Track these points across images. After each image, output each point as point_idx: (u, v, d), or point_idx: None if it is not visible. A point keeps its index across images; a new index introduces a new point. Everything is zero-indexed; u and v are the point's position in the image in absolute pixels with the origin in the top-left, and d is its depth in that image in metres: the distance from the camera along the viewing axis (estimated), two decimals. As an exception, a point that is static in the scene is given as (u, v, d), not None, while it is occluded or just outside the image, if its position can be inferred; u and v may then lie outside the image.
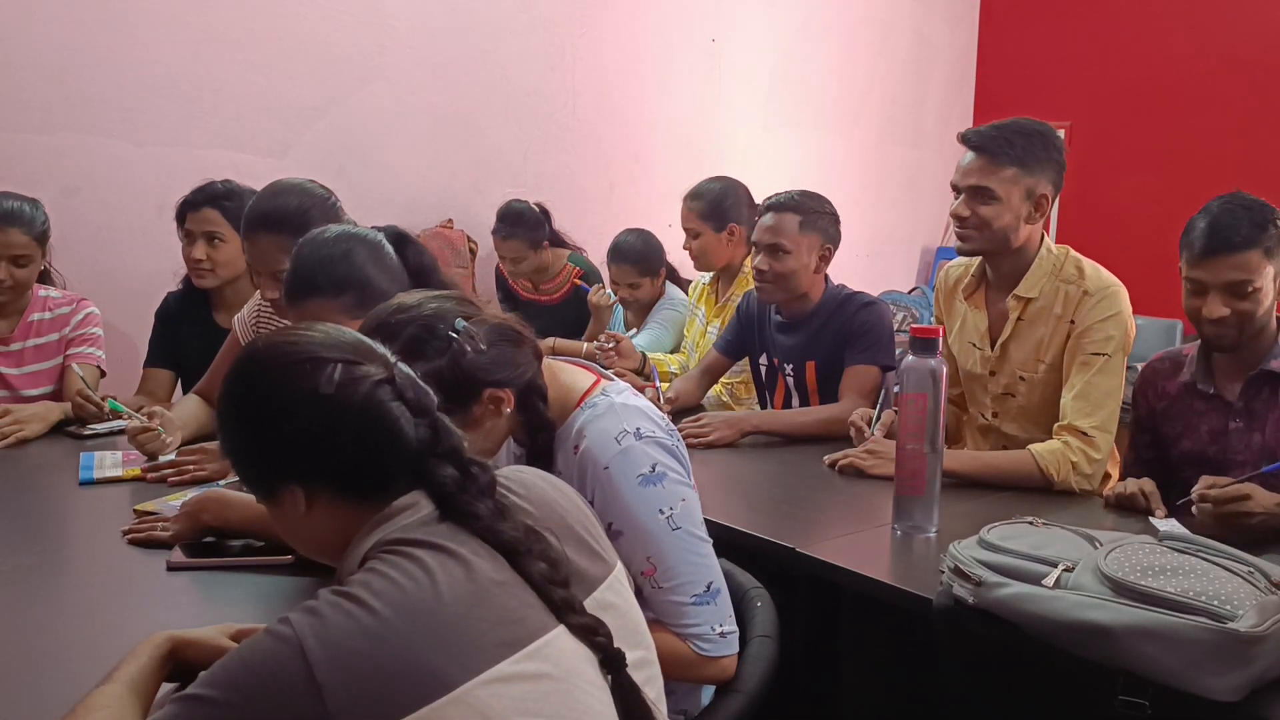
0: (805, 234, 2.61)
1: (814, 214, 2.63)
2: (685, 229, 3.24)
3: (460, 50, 3.99)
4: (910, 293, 5.30)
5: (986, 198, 2.16)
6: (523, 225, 3.80)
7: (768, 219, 2.64)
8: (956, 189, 2.21)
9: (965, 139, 2.21)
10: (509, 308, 4.03)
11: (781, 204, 2.64)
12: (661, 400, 2.74)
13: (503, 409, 1.38)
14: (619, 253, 3.57)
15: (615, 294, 3.65)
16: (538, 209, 3.84)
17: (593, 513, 1.20)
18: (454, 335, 1.34)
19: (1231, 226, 1.91)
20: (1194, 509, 1.80)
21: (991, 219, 2.17)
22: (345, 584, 0.96)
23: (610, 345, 3.16)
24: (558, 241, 3.96)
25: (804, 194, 2.67)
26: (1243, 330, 1.94)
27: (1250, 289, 1.90)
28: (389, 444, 1.04)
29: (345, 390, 1.03)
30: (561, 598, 1.02)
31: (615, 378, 1.55)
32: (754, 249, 2.70)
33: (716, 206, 3.15)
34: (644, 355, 3.25)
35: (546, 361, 1.48)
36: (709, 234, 3.16)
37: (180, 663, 1.12)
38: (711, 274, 3.30)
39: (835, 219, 2.69)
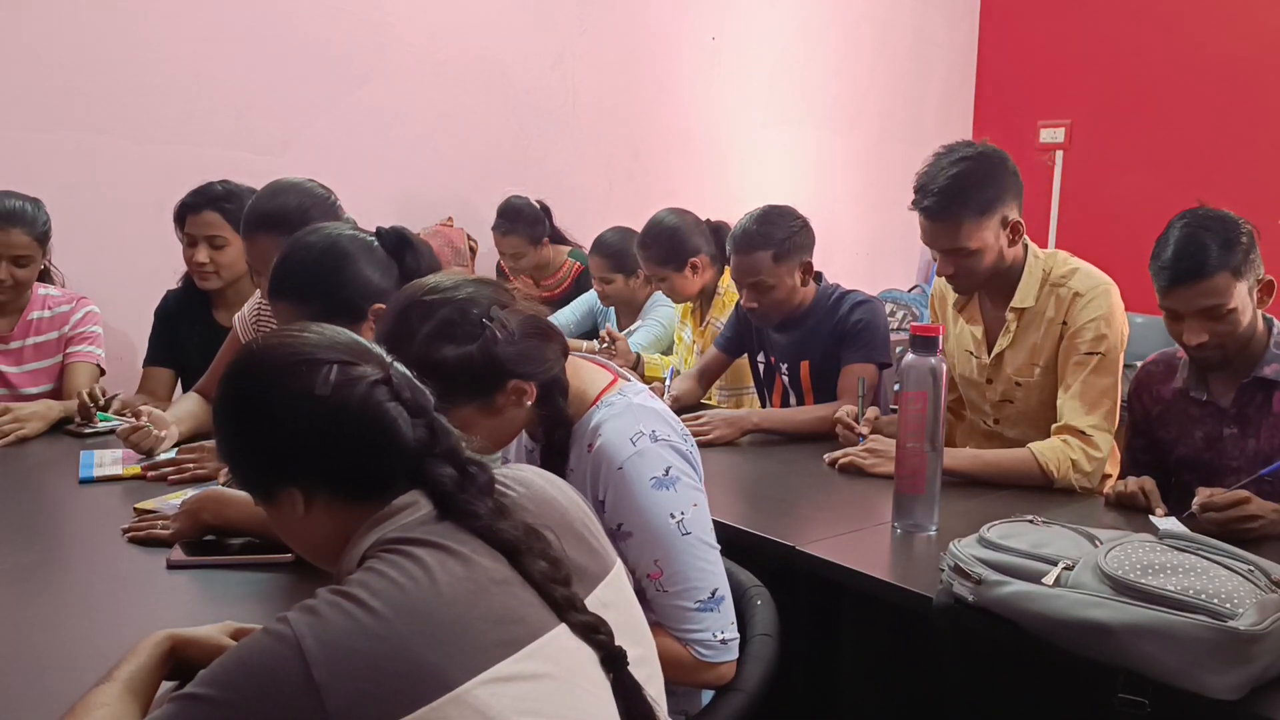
0: (782, 264, 2.57)
1: (784, 241, 2.56)
2: (649, 276, 3.22)
3: (460, 48, 3.99)
4: (910, 291, 5.30)
5: (964, 254, 2.14)
6: (522, 221, 3.81)
7: (740, 261, 2.58)
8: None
9: (919, 210, 2.14)
10: None
11: (751, 242, 2.56)
12: (665, 398, 2.73)
13: (524, 401, 1.38)
14: (596, 246, 3.56)
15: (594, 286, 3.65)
16: (537, 205, 3.85)
17: (592, 510, 1.20)
18: (487, 322, 1.34)
19: (1195, 254, 1.86)
20: (1199, 518, 1.78)
21: (977, 267, 2.16)
22: (344, 583, 0.96)
23: (607, 344, 3.16)
24: (558, 238, 3.97)
25: (766, 221, 2.58)
26: (1227, 348, 1.93)
27: (1224, 311, 1.88)
28: (387, 444, 1.04)
29: (342, 391, 1.03)
30: (563, 596, 1.01)
31: (633, 378, 1.54)
32: (735, 285, 2.67)
33: (669, 250, 3.08)
34: (639, 356, 3.25)
35: (569, 358, 1.47)
36: (673, 276, 3.09)
37: (180, 661, 1.12)
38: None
39: (805, 228, 2.64)
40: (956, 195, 2.09)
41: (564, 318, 3.74)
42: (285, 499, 1.06)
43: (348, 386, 1.03)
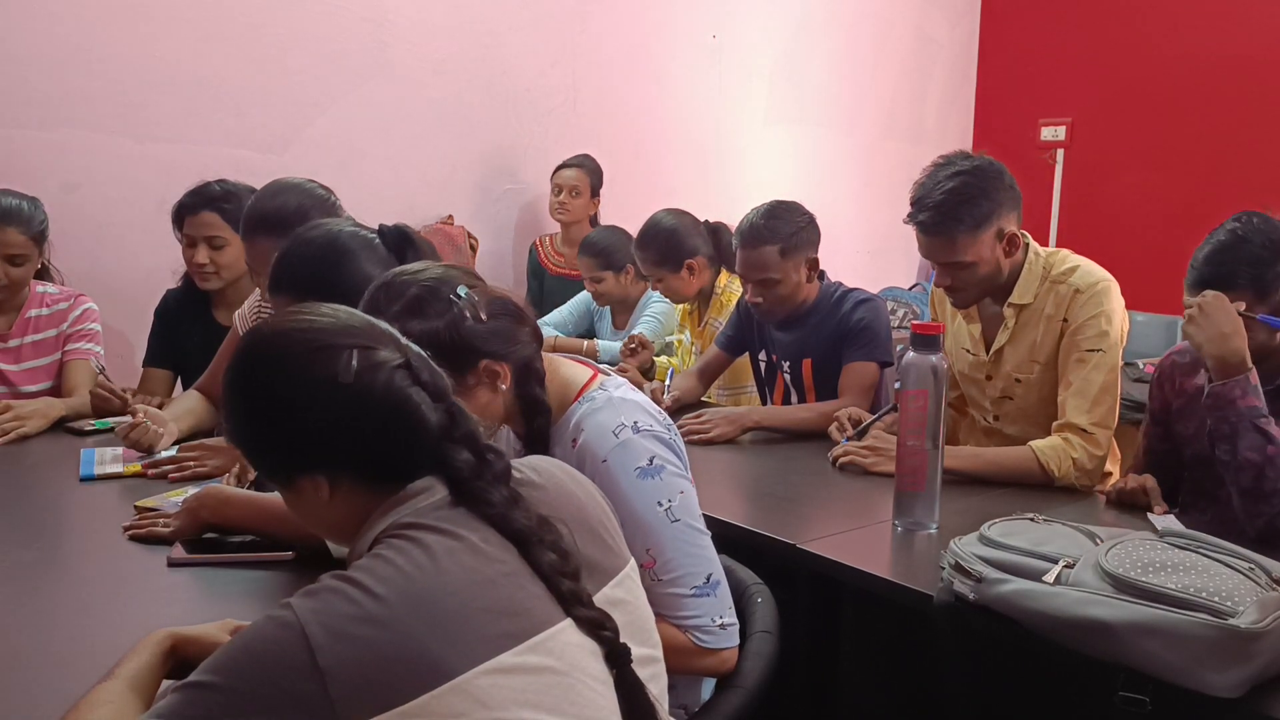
0: (789, 259, 2.58)
1: (791, 237, 2.58)
2: (647, 275, 3.22)
3: (460, 46, 3.99)
4: (911, 289, 5.29)
5: (961, 267, 2.15)
6: (587, 167, 3.93)
7: (747, 255, 2.59)
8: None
9: (914, 223, 2.15)
10: (536, 284, 4.07)
11: (759, 236, 2.57)
12: (665, 398, 2.74)
13: (498, 384, 1.38)
14: (584, 247, 3.56)
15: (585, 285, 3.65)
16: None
17: (611, 508, 1.19)
18: (455, 299, 1.35)
19: (1223, 263, 1.86)
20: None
21: (972, 280, 2.17)
22: (349, 569, 0.95)
23: (634, 348, 3.17)
24: (597, 221, 4.01)
25: (773, 215, 2.59)
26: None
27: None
28: (412, 429, 1.04)
29: (365, 377, 1.03)
30: (569, 589, 1.01)
31: (612, 372, 1.55)
32: (741, 280, 2.67)
33: (665, 252, 3.08)
34: (653, 360, 3.27)
35: (546, 355, 1.48)
36: (670, 277, 3.10)
37: (181, 660, 1.12)
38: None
39: (811, 223, 2.64)
40: (951, 210, 2.10)
41: (560, 317, 3.74)
42: (308, 485, 1.05)
43: (371, 372, 1.03)
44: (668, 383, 2.87)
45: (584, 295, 3.72)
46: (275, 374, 1.05)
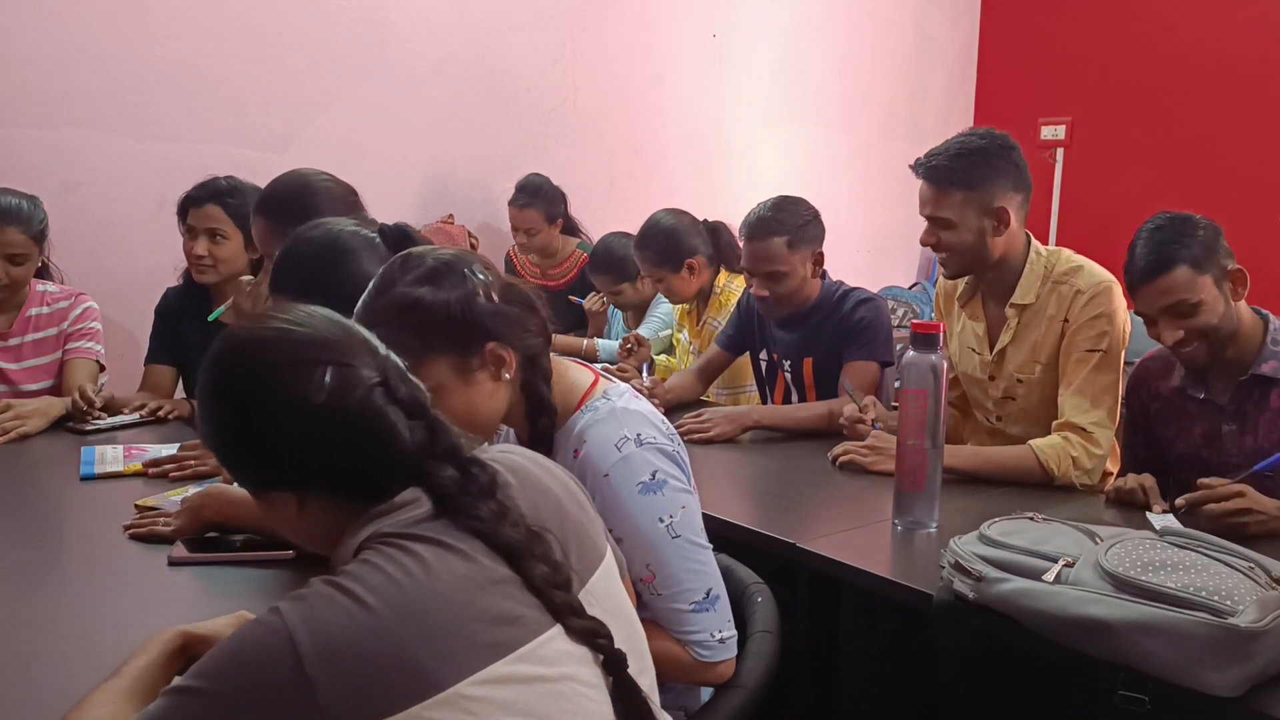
0: (796, 251, 2.59)
1: (798, 228, 2.58)
2: (647, 275, 3.22)
3: (460, 46, 3.99)
4: (911, 288, 5.30)
5: (944, 225, 2.18)
6: (541, 197, 3.86)
7: (755, 248, 2.59)
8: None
9: (914, 169, 2.21)
10: None
11: (766, 228, 2.57)
12: (646, 380, 2.74)
13: (503, 373, 1.36)
14: (595, 265, 3.56)
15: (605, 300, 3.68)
16: (557, 187, 3.88)
17: (585, 493, 1.18)
18: (471, 274, 1.35)
19: (1151, 253, 1.91)
20: (1197, 512, 1.78)
21: (954, 244, 2.19)
22: (338, 574, 0.94)
23: (631, 346, 3.17)
24: (570, 228, 3.99)
25: (780, 208, 2.60)
26: (1210, 342, 1.94)
27: (1189, 306, 1.90)
28: (385, 450, 1.01)
29: (338, 397, 0.99)
30: (562, 601, 1.00)
31: (614, 378, 1.54)
32: (747, 275, 2.67)
33: (666, 252, 3.08)
34: (652, 360, 3.27)
35: (554, 356, 1.46)
36: (670, 276, 3.10)
37: (192, 658, 1.09)
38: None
39: (816, 218, 2.65)
40: (948, 162, 2.17)
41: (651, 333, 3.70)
42: (276, 498, 1.04)
43: (345, 393, 1.00)
44: (644, 374, 2.86)
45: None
46: (248, 386, 1.02)
